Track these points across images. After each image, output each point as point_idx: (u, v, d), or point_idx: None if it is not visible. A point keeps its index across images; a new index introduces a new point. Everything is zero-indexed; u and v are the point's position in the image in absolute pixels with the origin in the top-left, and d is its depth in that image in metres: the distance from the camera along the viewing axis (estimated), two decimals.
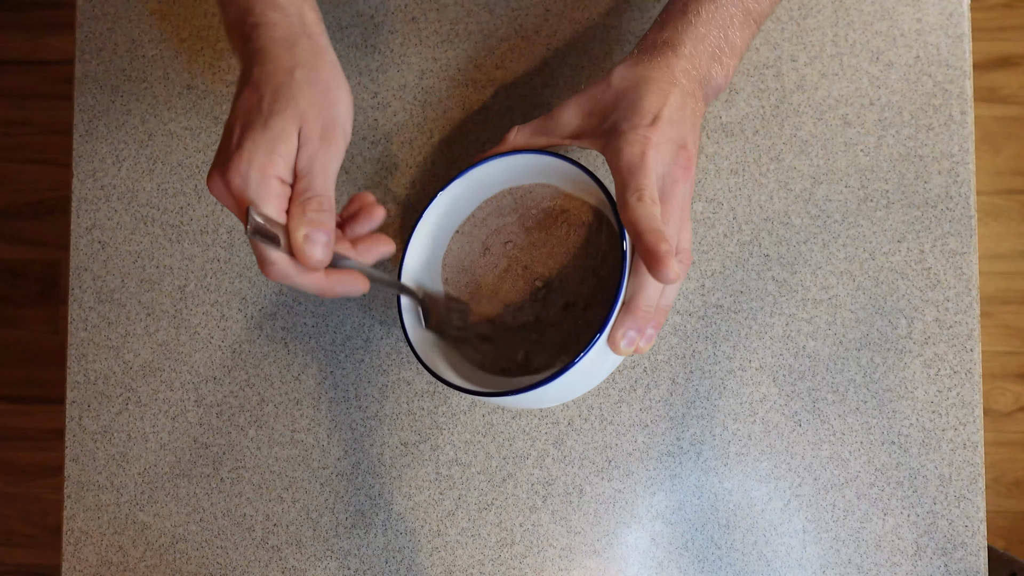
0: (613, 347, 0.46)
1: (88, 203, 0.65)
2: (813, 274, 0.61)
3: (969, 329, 0.60)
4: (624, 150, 0.45)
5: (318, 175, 0.43)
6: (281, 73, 0.44)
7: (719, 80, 0.50)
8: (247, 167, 0.42)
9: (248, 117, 0.43)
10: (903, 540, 0.60)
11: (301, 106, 0.43)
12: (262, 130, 0.42)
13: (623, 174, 0.45)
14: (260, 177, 0.42)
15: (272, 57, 0.44)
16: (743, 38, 0.50)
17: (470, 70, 0.63)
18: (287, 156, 0.42)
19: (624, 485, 0.61)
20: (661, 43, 0.49)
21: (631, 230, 0.44)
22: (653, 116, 0.46)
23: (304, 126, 0.43)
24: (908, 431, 0.60)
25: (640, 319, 0.46)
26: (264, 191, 0.42)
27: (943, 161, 0.60)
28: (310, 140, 0.43)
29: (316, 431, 0.63)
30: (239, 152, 0.42)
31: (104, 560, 0.64)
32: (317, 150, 0.43)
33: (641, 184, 0.44)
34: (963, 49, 0.61)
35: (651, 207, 0.43)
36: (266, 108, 0.43)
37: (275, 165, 0.42)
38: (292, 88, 0.43)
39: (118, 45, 0.65)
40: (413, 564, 0.62)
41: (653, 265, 0.42)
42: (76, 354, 0.64)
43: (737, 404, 0.61)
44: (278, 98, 0.43)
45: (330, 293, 0.45)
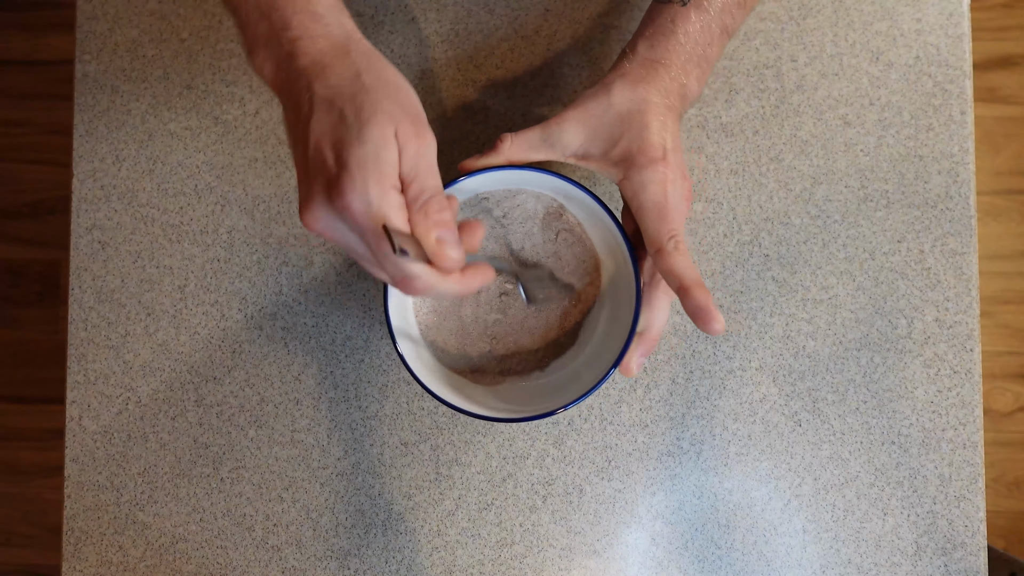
0: (626, 373, 0.50)
1: (88, 203, 0.65)
2: (813, 274, 0.61)
3: (969, 329, 0.60)
4: (648, 188, 0.47)
5: (427, 174, 0.41)
6: (348, 83, 0.41)
7: (694, 94, 0.50)
8: (363, 184, 0.39)
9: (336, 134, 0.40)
10: (903, 540, 0.60)
11: (387, 108, 0.41)
12: (359, 144, 0.40)
13: (652, 216, 0.47)
14: (380, 191, 0.39)
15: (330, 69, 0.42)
16: (717, 52, 0.51)
17: (470, 70, 0.63)
18: (393, 163, 0.40)
19: (624, 485, 0.61)
20: (654, 61, 0.49)
21: (672, 281, 0.46)
22: (663, 148, 0.47)
23: (399, 128, 0.41)
24: (908, 431, 0.60)
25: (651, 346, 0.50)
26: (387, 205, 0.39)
27: (943, 161, 0.60)
28: (409, 140, 0.41)
29: (316, 431, 0.63)
30: (347, 172, 0.39)
31: (104, 560, 0.64)
32: (419, 148, 0.41)
33: (674, 229, 0.46)
34: (963, 49, 0.61)
35: (687, 255, 0.46)
36: (352, 120, 0.40)
37: (388, 175, 0.40)
38: (369, 94, 0.41)
39: (118, 45, 0.65)
40: (413, 564, 0.62)
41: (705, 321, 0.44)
42: (76, 354, 0.64)
43: (737, 404, 0.61)
44: (361, 107, 0.40)
45: (470, 290, 0.44)
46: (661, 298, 0.50)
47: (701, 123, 0.62)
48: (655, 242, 0.47)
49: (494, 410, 0.52)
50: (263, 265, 0.63)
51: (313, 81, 0.42)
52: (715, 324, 0.44)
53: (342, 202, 0.39)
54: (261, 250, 0.63)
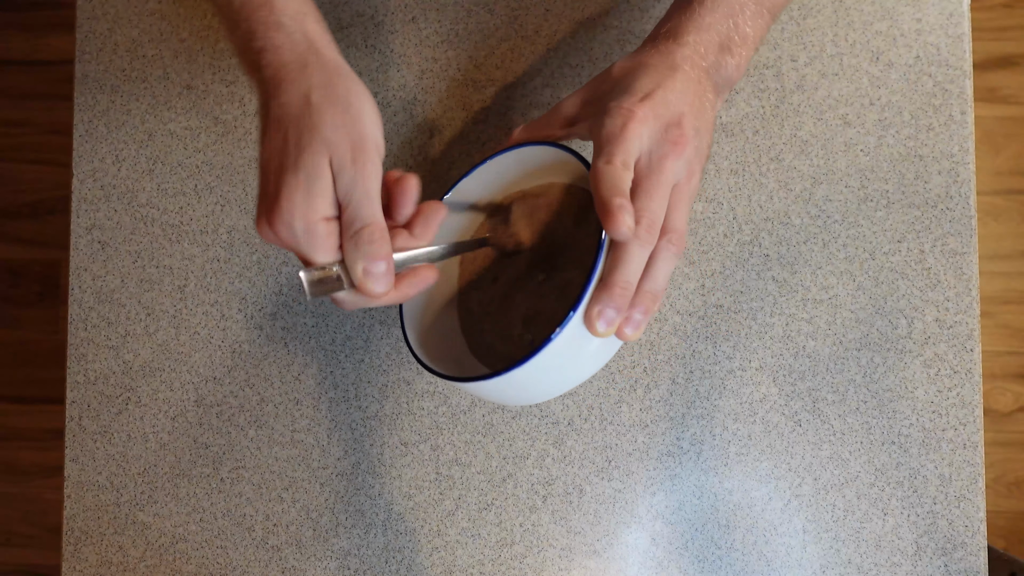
0: (588, 325, 0.43)
1: (88, 203, 0.65)
2: (813, 274, 0.61)
3: (969, 329, 0.60)
4: (606, 123, 0.44)
5: (361, 202, 0.41)
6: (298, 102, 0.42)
7: (731, 70, 0.48)
8: (290, 216, 0.41)
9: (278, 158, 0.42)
10: (903, 540, 0.60)
11: (325, 133, 0.41)
12: (294, 172, 0.41)
13: (600, 144, 0.44)
14: (305, 225, 0.41)
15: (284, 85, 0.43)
16: (756, 28, 0.48)
17: (470, 70, 0.63)
18: (326, 193, 0.41)
19: (624, 485, 0.61)
20: (663, 34, 0.48)
21: (594, 192, 0.42)
22: (644, 94, 0.45)
23: (333, 155, 0.41)
24: (908, 431, 0.60)
25: (617, 296, 0.42)
26: (312, 238, 0.41)
27: (943, 161, 0.60)
28: (344, 167, 0.41)
29: (316, 431, 0.63)
30: (278, 201, 0.41)
31: (104, 560, 0.64)
32: (353, 176, 0.41)
33: (613, 150, 0.43)
34: (963, 49, 0.61)
35: (617, 169, 0.42)
36: (292, 147, 0.41)
37: (316, 208, 0.41)
38: (312, 116, 0.42)
39: (118, 45, 0.65)
40: (413, 564, 0.62)
41: (605, 219, 0.41)
42: (76, 354, 0.64)
43: (737, 404, 0.61)
44: (302, 133, 0.41)
45: (406, 298, 0.45)
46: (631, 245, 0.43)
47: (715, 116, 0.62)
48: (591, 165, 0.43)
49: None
50: (263, 265, 0.63)
51: (270, 98, 0.43)
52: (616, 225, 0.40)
53: (274, 228, 0.41)
54: (261, 250, 0.63)
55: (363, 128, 0.42)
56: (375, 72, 0.63)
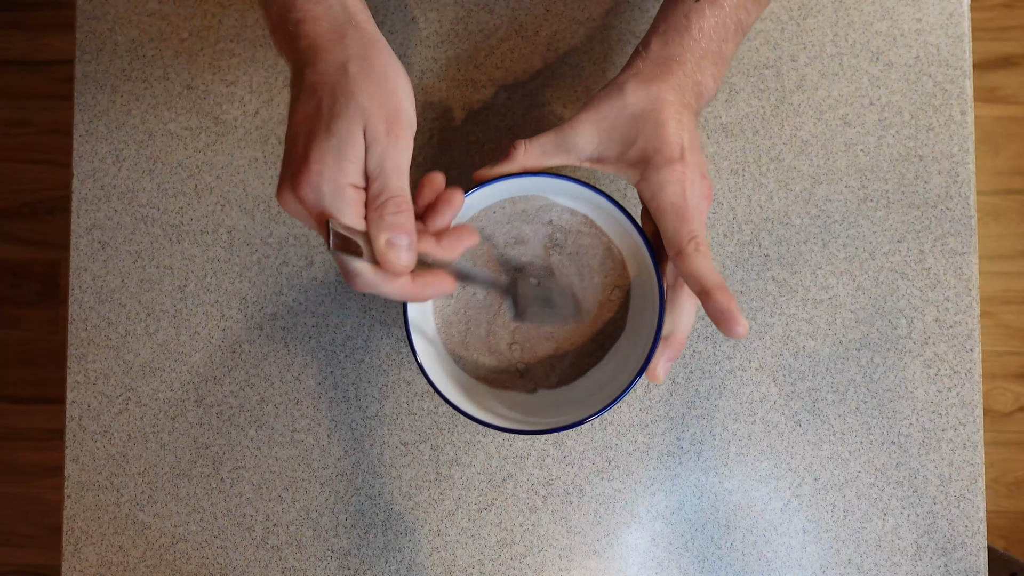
0: (653, 378, 0.49)
1: (88, 203, 0.65)
2: (813, 274, 0.61)
3: (969, 329, 0.60)
4: (667, 189, 0.46)
5: (391, 174, 0.41)
6: (335, 71, 0.42)
7: (711, 92, 0.50)
8: (318, 179, 0.40)
9: (310, 124, 0.41)
10: (903, 540, 0.60)
11: (362, 103, 0.41)
12: (326, 136, 0.40)
13: (671, 218, 0.46)
14: (334, 188, 0.40)
15: (322, 55, 0.42)
16: (732, 49, 0.50)
17: (470, 70, 0.63)
18: (357, 160, 0.41)
19: (624, 485, 0.61)
20: (668, 59, 0.48)
21: (694, 283, 0.45)
22: (680, 147, 0.46)
23: (368, 124, 0.41)
24: (908, 431, 0.60)
25: (677, 350, 0.49)
26: (340, 202, 0.40)
27: (943, 161, 0.60)
28: (377, 138, 0.41)
29: (316, 431, 0.63)
30: (307, 164, 0.40)
31: (104, 560, 0.64)
32: (386, 147, 0.41)
33: (694, 230, 0.45)
34: (963, 49, 0.61)
35: (708, 256, 0.45)
36: (326, 112, 0.41)
37: (346, 172, 0.40)
38: (349, 85, 0.41)
39: (118, 45, 0.65)
40: (413, 564, 0.62)
41: (728, 324, 0.43)
42: (76, 354, 0.64)
43: (737, 404, 0.61)
44: (337, 98, 0.41)
45: (419, 297, 0.43)
46: (686, 301, 0.49)
47: (701, 123, 0.62)
48: (675, 244, 0.45)
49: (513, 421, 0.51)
50: (263, 265, 0.63)
51: (306, 66, 0.43)
52: (738, 328, 0.43)
53: (299, 191, 0.41)
54: (261, 250, 0.63)
55: (398, 102, 0.42)
56: None
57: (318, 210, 0.41)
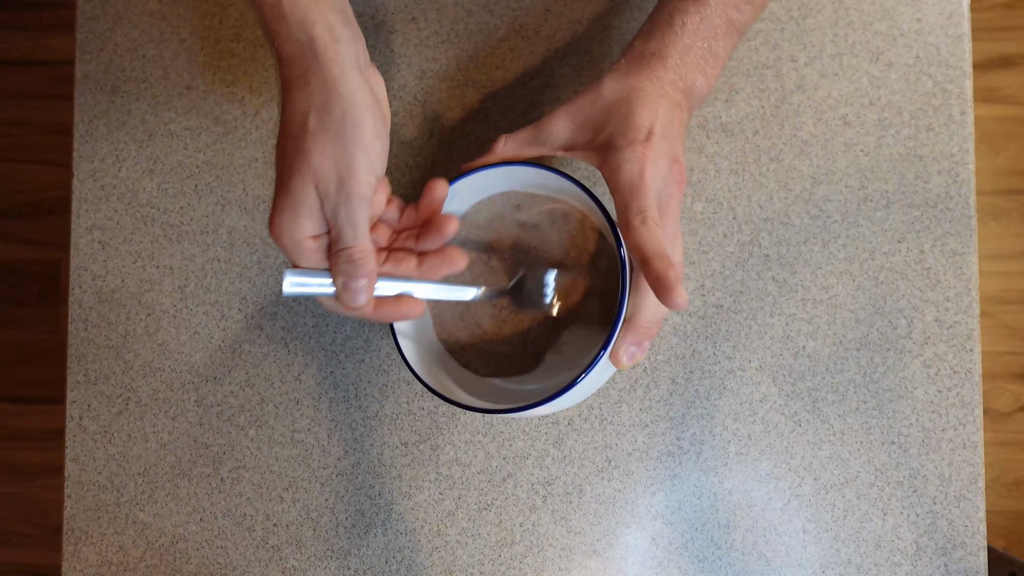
0: (616, 363, 0.48)
1: (88, 203, 0.65)
2: (813, 274, 0.61)
3: (969, 329, 0.60)
4: (623, 167, 0.45)
5: (344, 227, 0.44)
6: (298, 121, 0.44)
7: (703, 91, 0.50)
8: (279, 232, 0.45)
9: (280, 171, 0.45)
10: (903, 540, 0.60)
11: (313, 162, 0.44)
12: (285, 193, 0.44)
13: (624, 193, 0.45)
14: (292, 242, 0.45)
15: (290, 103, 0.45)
16: (726, 48, 0.50)
17: (470, 70, 0.63)
18: (312, 214, 0.44)
19: (624, 485, 0.61)
20: (649, 54, 0.49)
21: (637, 254, 0.44)
22: (647, 131, 0.46)
23: (319, 183, 0.44)
24: (908, 431, 0.60)
25: (640, 335, 0.48)
26: (299, 253, 0.45)
27: (943, 161, 0.60)
28: (328, 195, 0.44)
29: (316, 431, 0.63)
30: (274, 215, 0.45)
31: (104, 560, 0.64)
32: (337, 204, 0.44)
33: (643, 205, 0.45)
34: (963, 49, 0.61)
35: (655, 229, 0.44)
36: (286, 167, 0.44)
37: (302, 228, 0.44)
38: (305, 141, 0.44)
39: (118, 45, 0.65)
40: (413, 564, 0.62)
41: (664, 293, 0.42)
42: (76, 354, 0.64)
43: (737, 404, 0.61)
44: (296, 155, 0.44)
45: (385, 320, 0.47)
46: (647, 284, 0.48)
47: (701, 123, 0.62)
48: (623, 218, 0.45)
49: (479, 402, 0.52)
50: (263, 265, 0.63)
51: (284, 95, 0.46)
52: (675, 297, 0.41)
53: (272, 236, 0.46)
54: (261, 250, 0.63)
55: (353, 156, 0.44)
56: None
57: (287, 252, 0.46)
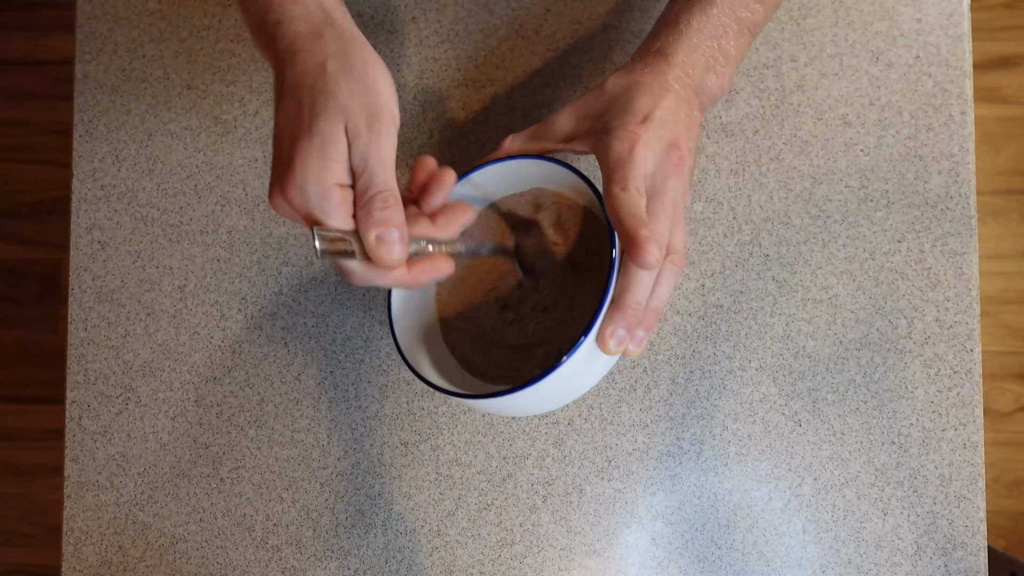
0: (602, 346, 0.45)
1: (88, 203, 0.65)
2: (813, 274, 0.61)
3: (969, 329, 0.60)
4: (613, 145, 0.45)
5: (376, 168, 0.41)
6: (313, 70, 0.42)
7: (715, 90, 0.50)
8: (303, 181, 0.41)
9: (293, 126, 0.42)
10: (903, 540, 0.60)
11: (341, 100, 0.41)
12: (308, 138, 0.41)
13: (610, 167, 0.44)
14: (319, 190, 0.41)
15: (300, 55, 0.43)
16: (737, 47, 0.50)
17: (470, 70, 0.63)
18: (340, 159, 0.41)
19: (624, 485, 0.61)
20: (654, 52, 0.49)
21: (613, 218, 0.43)
22: (644, 115, 0.46)
23: (349, 121, 0.41)
24: (908, 431, 0.60)
25: (629, 317, 0.44)
26: (326, 203, 0.41)
27: (943, 161, 0.60)
28: (359, 134, 0.41)
29: (316, 431, 0.63)
30: (291, 166, 0.41)
31: (104, 560, 0.64)
32: (368, 142, 0.41)
33: (627, 175, 0.44)
34: (963, 49, 0.61)
35: (634, 196, 0.43)
36: (307, 112, 0.41)
37: (331, 172, 0.41)
38: (327, 83, 0.42)
39: (118, 45, 0.65)
40: (413, 564, 0.62)
41: (632, 250, 0.41)
42: (76, 354, 0.64)
43: (737, 404, 0.61)
44: (317, 98, 0.41)
45: (416, 284, 0.44)
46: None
47: (701, 123, 0.62)
48: (606, 189, 0.44)
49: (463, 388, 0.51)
50: (263, 265, 0.63)
51: (286, 67, 0.43)
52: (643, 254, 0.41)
53: (287, 194, 0.41)
54: (261, 250, 0.63)
55: (378, 97, 0.42)
56: None
57: (305, 213, 0.41)
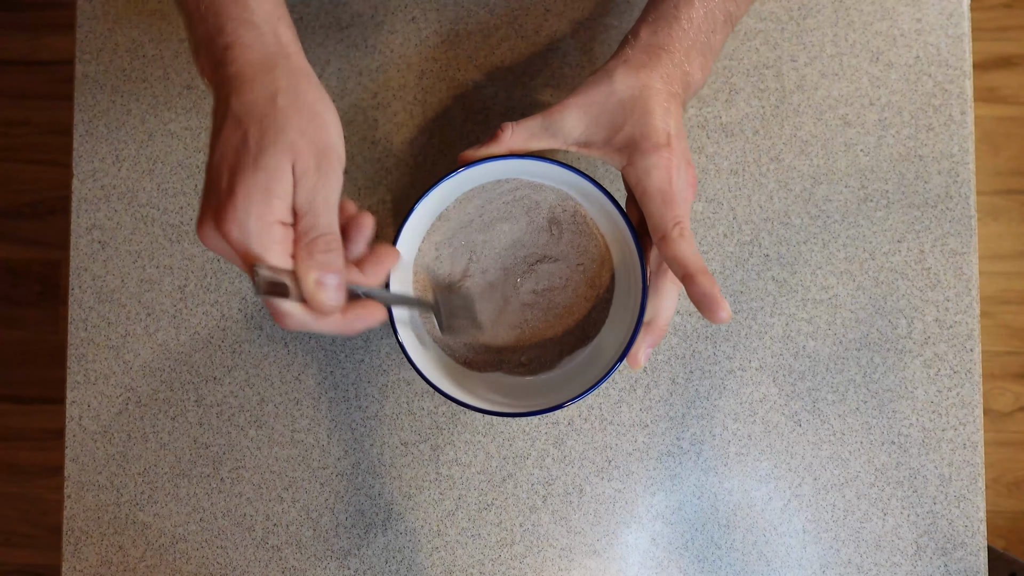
0: (634, 364, 0.49)
1: (88, 203, 0.65)
2: (813, 274, 0.61)
3: (969, 329, 0.60)
4: (652, 174, 0.46)
5: (321, 211, 0.40)
6: (263, 102, 0.40)
7: (698, 83, 0.50)
8: (244, 216, 0.38)
9: (235, 156, 0.39)
10: (903, 540, 0.60)
11: (291, 137, 0.40)
12: (253, 171, 0.39)
13: (656, 201, 0.46)
14: (260, 226, 0.39)
15: (250, 84, 0.41)
16: (720, 40, 0.50)
17: (470, 70, 0.63)
18: (284, 196, 0.39)
19: (624, 485, 0.61)
20: (656, 47, 0.48)
21: (677, 268, 0.45)
22: (667, 134, 0.46)
23: (297, 159, 0.40)
24: (908, 431, 0.60)
25: (659, 337, 0.49)
26: (267, 240, 0.39)
27: (943, 161, 0.60)
28: (306, 173, 0.40)
29: (316, 431, 0.63)
30: (232, 199, 0.39)
31: (104, 560, 0.64)
32: (316, 183, 0.40)
33: (679, 215, 0.46)
34: (963, 49, 0.61)
35: (692, 242, 0.45)
36: (253, 144, 0.39)
37: (274, 209, 0.39)
38: (278, 118, 0.40)
39: (118, 45, 0.65)
40: (413, 564, 0.62)
41: (711, 309, 0.43)
42: (76, 354, 0.64)
43: (737, 404, 0.61)
44: (265, 131, 0.39)
45: (351, 331, 0.42)
46: (668, 287, 0.49)
47: (701, 123, 0.62)
48: (659, 229, 0.46)
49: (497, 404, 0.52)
50: None
51: (231, 94, 0.41)
52: (721, 312, 0.43)
53: (223, 227, 0.39)
54: None
55: (328, 137, 0.41)
56: (375, 72, 0.63)
57: (243, 249, 0.39)
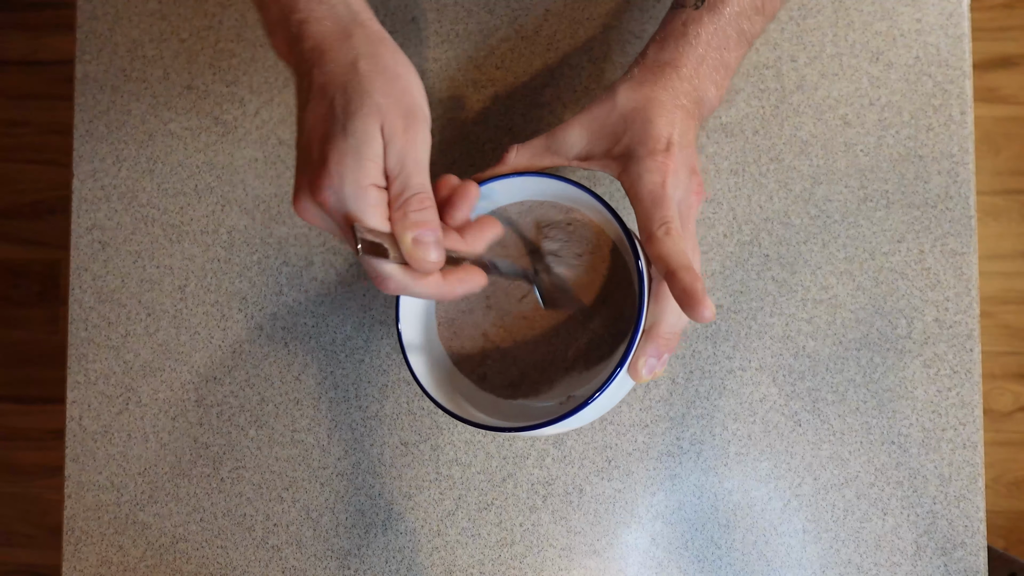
0: (634, 376, 0.46)
1: (88, 203, 0.65)
2: (813, 274, 0.61)
3: (969, 329, 0.60)
4: (644, 178, 0.45)
5: (412, 170, 0.40)
6: (344, 70, 0.41)
7: (713, 101, 0.49)
8: (339, 182, 0.39)
9: (324, 126, 0.40)
10: (903, 540, 0.60)
11: (377, 100, 0.40)
12: (343, 137, 0.39)
13: (645, 203, 0.44)
14: (356, 190, 0.39)
15: (330, 55, 0.41)
16: (736, 59, 0.50)
17: (470, 70, 0.63)
18: (376, 159, 0.40)
19: (624, 485, 0.61)
20: (663, 63, 0.48)
21: (661, 265, 0.43)
22: (666, 141, 0.46)
23: (385, 121, 0.40)
24: (908, 431, 0.60)
25: (661, 346, 0.45)
26: (363, 203, 0.39)
27: (943, 161, 0.60)
28: (395, 135, 0.40)
29: (316, 431, 0.63)
30: (325, 167, 0.39)
31: (104, 560, 0.64)
32: (405, 144, 0.40)
33: (666, 216, 0.44)
34: (963, 49, 0.61)
35: (678, 240, 0.43)
36: (340, 112, 0.40)
37: (368, 172, 0.39)
38: (361, 83, 0.40)
39: (118, 45, 0.65)
40: (413, 564, 0.62)
41: (691, 305, 0.41)
42: (76, 354, 0.64)
43: (737, 404, 0.61)
44: (351, 97, 0.40)
45: (451, 295, 0.42)
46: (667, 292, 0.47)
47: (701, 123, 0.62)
48: (646, 229, 0.44)
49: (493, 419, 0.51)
50: (263, 265, 0.63)
51: (313, 67, 0.42)
52: (704, 310, 0.41)
53: (320, 196, 0.40)
54: (261, 250, 0.63)
55: (412, 97, 0.41)
56: None
57: (342, 214, 0.40)
